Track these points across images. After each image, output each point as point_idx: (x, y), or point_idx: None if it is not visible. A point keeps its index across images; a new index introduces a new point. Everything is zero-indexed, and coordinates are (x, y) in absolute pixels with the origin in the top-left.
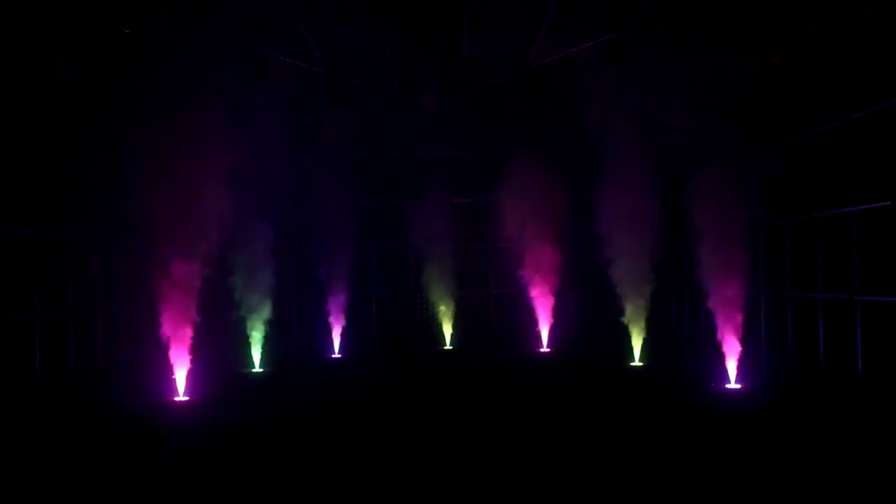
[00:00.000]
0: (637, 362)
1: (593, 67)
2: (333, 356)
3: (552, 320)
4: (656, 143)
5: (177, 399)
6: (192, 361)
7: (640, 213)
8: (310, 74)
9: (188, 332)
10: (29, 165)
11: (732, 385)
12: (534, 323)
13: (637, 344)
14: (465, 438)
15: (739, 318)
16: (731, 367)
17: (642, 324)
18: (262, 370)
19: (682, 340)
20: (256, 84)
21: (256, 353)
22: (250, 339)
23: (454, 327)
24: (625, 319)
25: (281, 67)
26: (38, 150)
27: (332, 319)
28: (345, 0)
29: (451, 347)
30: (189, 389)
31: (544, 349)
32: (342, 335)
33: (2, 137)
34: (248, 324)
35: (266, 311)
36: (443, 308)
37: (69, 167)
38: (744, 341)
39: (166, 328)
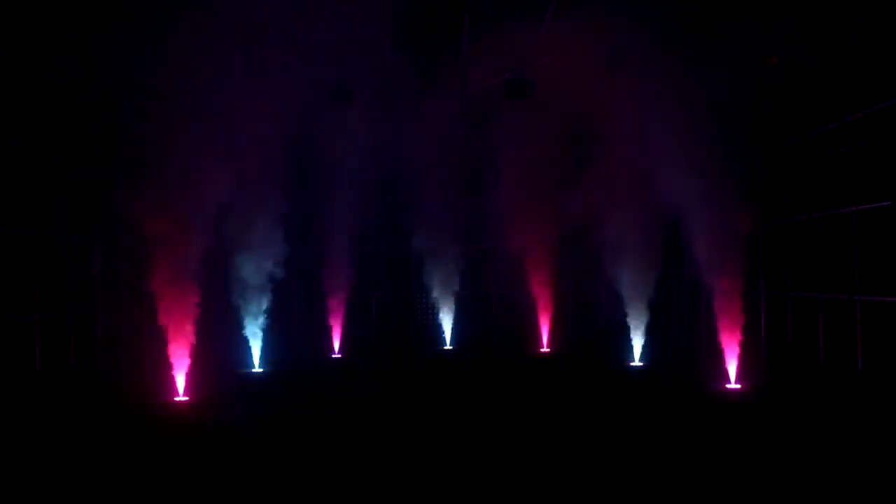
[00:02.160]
0: (637, 362)
1: (592, 68)
2: (333, 356)
3: (552, 320)
4: (656, 143)
5: (177, 399)
6: (192, 361)
7: (640, 213)
8: (310, 74)
9: (188, 332)
10: (29, 165)
11: (732, 385)
12: (534, 323)
13: (637, 344)
14: (465, 438)
15: (739, 318)
16: (731, 367)
17: (642, 323)
18: (261, 370)
19: (682, 340)
20: (257, 84)
21: (256, 353)
22: (249, 339)
23: (454, 327)
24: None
25: (282, 68)
26: (38, 149)
27: (331, 319)
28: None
29: (451, 347)
30: (189, 389)
31: (544, 349)
32: (342, 335)
33: (2, 137)
34: (247, 322)
35: (265, 310)
36: (443, 308)
37: (69, 167)
38: (744, 341)
39: (166, 328)
